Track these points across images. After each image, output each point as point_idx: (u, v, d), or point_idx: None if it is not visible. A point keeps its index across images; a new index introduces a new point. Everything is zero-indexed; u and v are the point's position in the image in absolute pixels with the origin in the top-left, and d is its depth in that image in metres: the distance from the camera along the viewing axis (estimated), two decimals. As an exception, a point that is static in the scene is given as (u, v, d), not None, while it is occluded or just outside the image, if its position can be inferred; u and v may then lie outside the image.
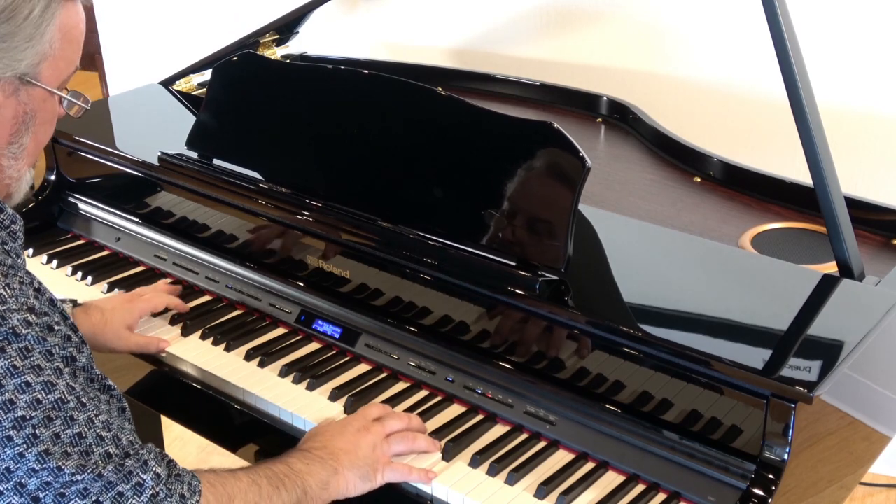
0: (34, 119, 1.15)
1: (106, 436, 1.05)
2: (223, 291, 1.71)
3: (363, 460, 1.28)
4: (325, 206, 1.58)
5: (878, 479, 2.41)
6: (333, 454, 1.28)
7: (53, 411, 1.02)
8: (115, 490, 1.02)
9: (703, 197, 1.80)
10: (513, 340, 1.43)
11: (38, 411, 1.01)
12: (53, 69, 1.14)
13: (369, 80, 1.59)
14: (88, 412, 1.05)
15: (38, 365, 1.02)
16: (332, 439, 1.30)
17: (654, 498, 1.27)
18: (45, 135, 1.19)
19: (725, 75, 2.35)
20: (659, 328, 1.30)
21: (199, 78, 2.24)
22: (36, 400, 1.01)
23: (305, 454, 1.27)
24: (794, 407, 1.19)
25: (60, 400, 1.03)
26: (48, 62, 1.12)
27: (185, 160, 1.75)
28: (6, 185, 1.17)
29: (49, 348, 1.04)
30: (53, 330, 1.07)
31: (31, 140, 1.16)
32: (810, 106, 1.37)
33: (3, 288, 1.03)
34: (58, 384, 1.03)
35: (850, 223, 1.42)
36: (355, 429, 1.32)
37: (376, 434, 1.32)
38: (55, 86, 1.15)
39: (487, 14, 2.67)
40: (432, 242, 1.45)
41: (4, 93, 1.10)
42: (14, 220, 1.15)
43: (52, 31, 1.11)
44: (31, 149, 1.17)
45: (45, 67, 1.12)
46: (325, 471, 1.25)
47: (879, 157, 2.22)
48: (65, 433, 1.02)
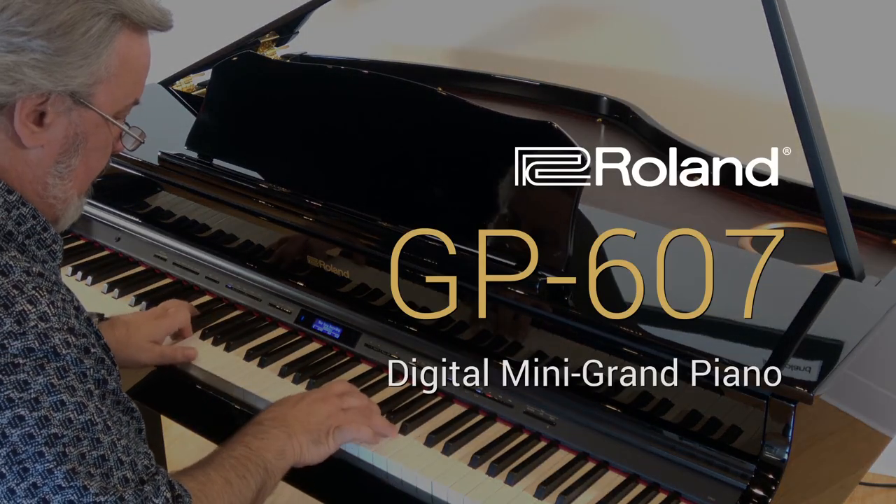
0: (85, 143, 1.14)
1: (125, 460, 1.07)
2: (223, 291, 1.71)
3: (316, 426, 1.32)
4: (325, 206, 1.58)
5: (878, 479, 2.41)
6: (286, 422, 1.31)
7: (83, 432, 1.04)
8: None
9: (703, 197, 1.80)
10: (513, 340, 1.43)
11: (70, 430, 1.03)
12: (108, 95, 1.13)
13: (369, 80, 1.59)
14: (112, 435, 1.07)
15: (73, 386, 1.04)
16: (288, 409, 1.34)
17: (654, 498, 1.27)
18: (97, 162, 1.19)
19: (725, 75, 2.35)
20: (659, 328, 1.30)
21: (199, 78, 2.24)
22: (68, 419, 1.03)
23: (259, 427, 1.30)
24: (794, 407, 1.19)
25: (90, 422, 1.05)
26: (103, 86, 1.12)
27: (185, 160, 1.75)
28: (51, 205, 1.16)
29: (84, 370, 1.06)
30: (90, 352, 1.08)
31: (81, 164, 1.16)
32: (810, 106, 1.37)
33: (49, 306, 1.05)
34: (88, 406, 1.05)
35: (850, 223, 1.41)
36: (312, 399, 1.37)
37: (332, 405, 1.36)
38: (110, 113, 1.14)
39: (487, 14, 2.67)
40: (432, 242, 1.45)
41: (56, 109, 1.10)
42: (56, 241, 1.17)
43: (110, 54, 1.11)
44: (80, 173, 1.17)
45: (99, 91, 1.12)
46: (279, 439, 1.28)
47: (879, 157, 2.22)
48: (90, 454, 1.04)
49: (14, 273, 1.06)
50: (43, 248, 1.14)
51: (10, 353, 1.01)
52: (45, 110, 1.09)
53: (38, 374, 1.02)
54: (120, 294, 1.73)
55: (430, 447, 1.36)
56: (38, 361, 1.02)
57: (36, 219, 1.14)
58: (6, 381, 1.01)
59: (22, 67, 1.05)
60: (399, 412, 1.42)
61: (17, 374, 1.01)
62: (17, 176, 1.12)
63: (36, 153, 1.12)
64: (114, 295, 1.74)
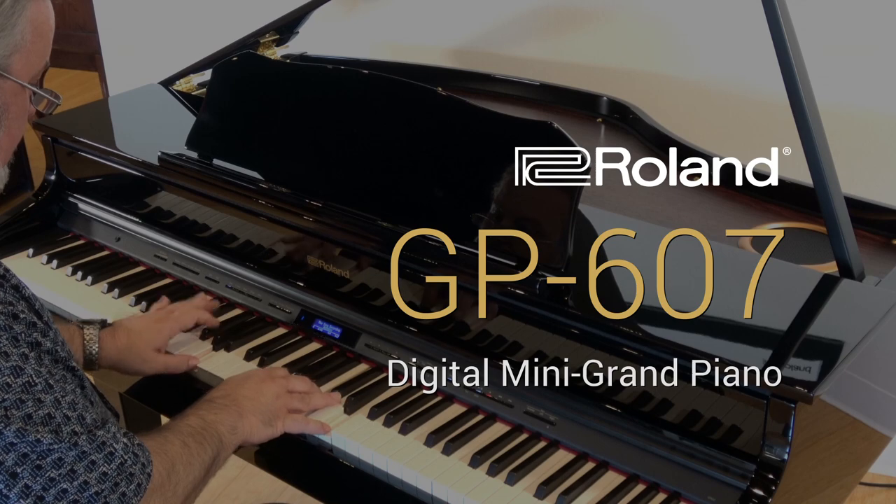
0: (6, 113, 1.14)
1: (72, 415, 1.10)
2: (223, 291, 1.71)
3: (266, 406, 1.36)
4: (325, 206, 1.58)
5: (878, 479, 2.41)
6: (236, 401, 1.35)
7: (23, 394, 1.06)
8: (88, 459, 1.08)
9: (703, 197, 1.80)
10: (513, 340, 1.43)
11: (10, 394, 1.05)
12: (25, 63, 1.14)
13: (369, 80, 1.59)
14: (55, 393, 1.09)
15: (6, 351, 1.06)
16: (236, 388, 1.38)
17: (654, 498, 1.28)
18: (17, 130, 1.19)
19: (725, 75, 2.35)
20: (659, 328, 1.30)
21: (199, 78, 2.24)
22: (6, 384, 1.05)
23: (211, 404, 1.34)
24: (794, 407, 1.19)
25: (28, 383, 1.07)
26: (19, 55, 1.12)
27: (185, 160, 1.75)
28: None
29: (15, 335, 1.08)
30: (18, 318, 1.09)
31: (5, 135, 1.16)
32: (810, 106, 1.37)
33: None
34: (25, 368, 1.07)
35: (850, 223, 1.41)
36: (259, 378, 1.40)
37: (279, 385, 1.40)
38: (26, 80, 1.15)
39: (487, 14, 2.67)
40: (432, 242, 1.45)
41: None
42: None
43: (24, 23, 1.12)
44: (4, 144, 1.16)
45: (16, 60, 1.12)
46: (231, 416, 1.32)
47: (879, 157, 2.22)
48: (36, 413, 1.06)
49: None
50: None
51: None
52: None
53: None
54: (120, 294, 1.73)
55: (430, 447, 1.36)
56: None
57: None
58: None
59: None
60: (399, 412, 1.42)
61: None
62: None
63: None
64: (114, 295, 1.74)
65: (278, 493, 2.46)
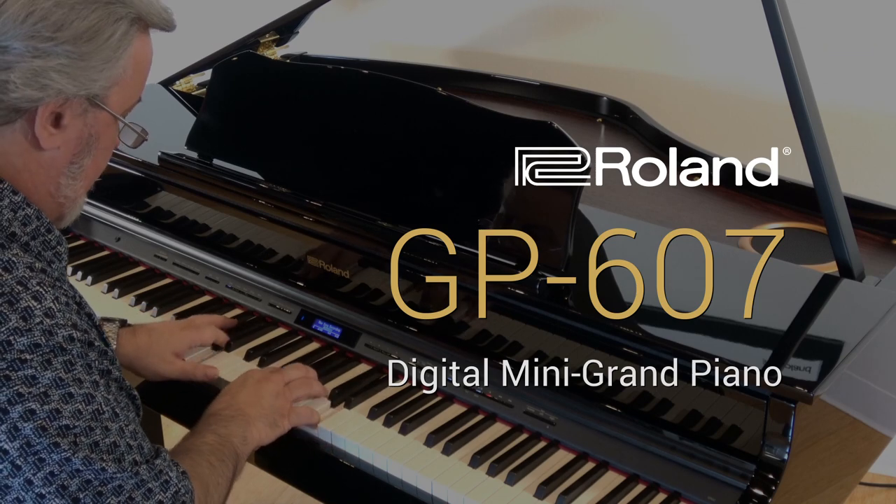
0: (97, 143, 1.17)
1: (133, 444, 1.12)
2: (223, 291, 1.71)
3: (268, 408, 1.37)
4: (325, 206, 1.58)
5: (878, 479, 2.41)
6: (240, 409, 1.35)
7: (92, 422, 1.07)
8: (146, 487, 1.10)
9: (703, 197, 1.80)
10: (513, 340, 1.43)
11: (81, 421, 1.06)
12: (120, 96, 1.16)
13: (369, 81, 1.59)
14: (121, 422, 1.11)
15: (80, 378, 1.08)
16: (235, 396, 1.38)
17: (654, 498, 1.27)
18: (103, 160, 1.21)
19: (725, 75, 2.35)
20: (659, 328, 1.30)
21: (199, 78, 2.24)
22: (78, 411, 1.06)
23: (218, 417, 1.34)
24: (794, 407, 1.19)
25: (97, 411, 1.08)
26: (118, 87, 1.14)
27: (185, 160, 1.75)
28: (60, 204, 1.18)
29: (89, 362, 1.09)
30: (93, 345, 1.11)
31: (91, 164, 1.18)
32: (810, 106, 1.37)
33: (53, 302, 1.07)
34: (96, 396, 1.09)
35: (850, 223, 1.41)
36: (255, 380, 1.41)
37: (276, 383, 1.40)
38: (120, 113, 1.17)
39: (487, 14, 2.67)
40: (432, 242, 1.45)
41: (73, 111, 1.12)
42: (60, 242, 1.18)
43: (127, 58, 1.13)
44: (89, 172, 1.19)
45: (114, 93, 1.14)
46: (240, 427, 1.33)
47: (879, 157, 2.22)
48: (102, 442, 1.08)
49: (17, 269, 1.07)
50: (48, 250, 1.16)
51: (17, 350, 1.03)
52: (62, 112, 1.11)
53: (45, 369, 1.05)
54: (120, 294, 1.73)
55: (430, 447, 1.36)
56: (44, 357, 1.05)
57: (40, 220, 1.15)
58: (14, 376, 1.03)
59: (49, 72, 1.07)
60: (399, 412, 1.42)
61: (24, 369, 1.04)
62: (29, 177, 1.14)
63: (51, 154, 1.14)
64: (114, 295, 1.74)
65: (278, 493, 2.46)
